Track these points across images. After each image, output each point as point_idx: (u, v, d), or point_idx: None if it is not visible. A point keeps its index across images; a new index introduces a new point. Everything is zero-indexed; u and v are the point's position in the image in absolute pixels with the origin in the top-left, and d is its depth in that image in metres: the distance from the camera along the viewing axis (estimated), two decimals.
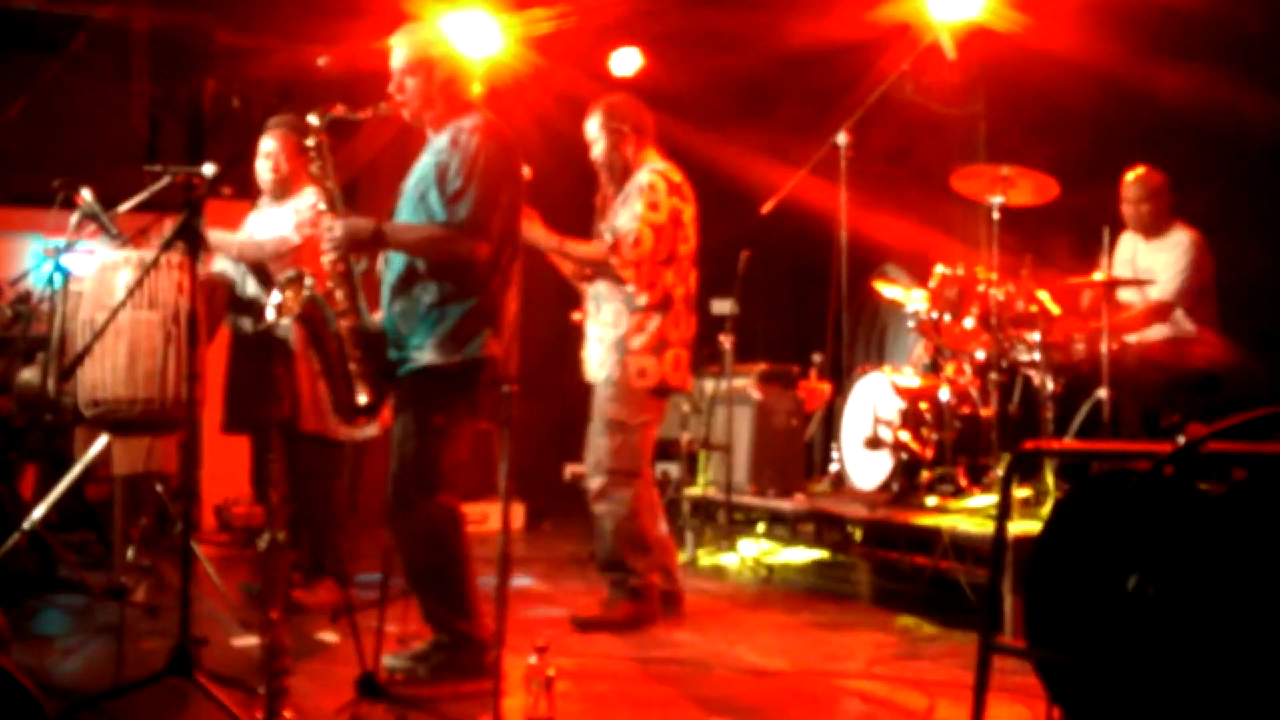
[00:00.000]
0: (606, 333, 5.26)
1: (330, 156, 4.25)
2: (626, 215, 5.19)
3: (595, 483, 5.23)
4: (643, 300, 5.19)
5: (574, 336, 5.62)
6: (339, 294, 4.17)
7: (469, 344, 4.08)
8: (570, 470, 8.11)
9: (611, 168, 5.33)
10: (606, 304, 5.27)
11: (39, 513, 5.37)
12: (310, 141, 4.22)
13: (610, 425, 5.20)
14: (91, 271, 5.45)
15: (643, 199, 5.17)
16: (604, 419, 5.22)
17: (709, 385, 7.03)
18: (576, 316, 5.57)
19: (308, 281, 4.09)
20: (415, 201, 4.17)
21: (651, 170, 5.26)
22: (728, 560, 6.70)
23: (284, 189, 5.64)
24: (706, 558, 6.77)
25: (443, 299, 4.09)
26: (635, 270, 5.16)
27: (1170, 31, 6.47)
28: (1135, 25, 6.52)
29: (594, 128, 5.36)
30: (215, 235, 5.50)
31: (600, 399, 5.26)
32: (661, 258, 5.19)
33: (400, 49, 4.23)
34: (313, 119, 4.20)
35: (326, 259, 4.18)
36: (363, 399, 4.15)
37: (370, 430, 5.50)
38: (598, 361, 5.28)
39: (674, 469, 7.15)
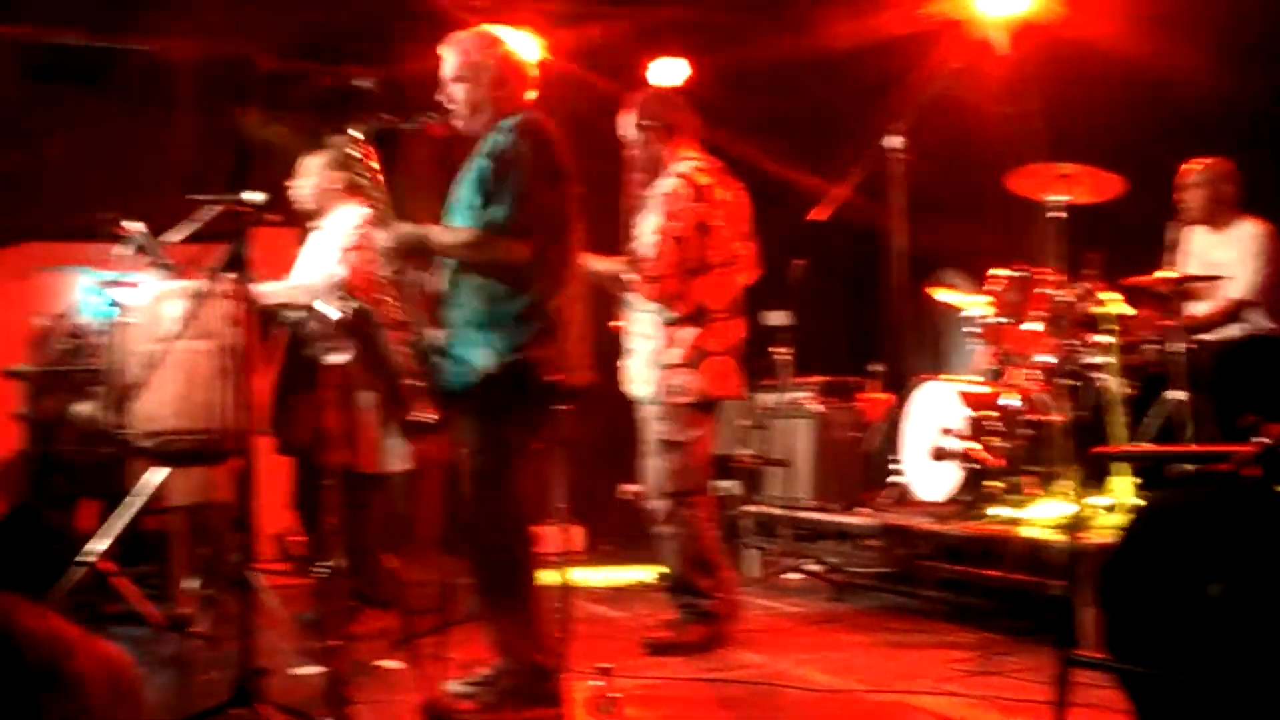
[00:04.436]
0: (643, 345, 5.12)
1: (375, 168, 4.17)
2: (646, 228, 5.03)
3: (658, 505, 5.13)
4: (672, 314, 5.03)
5: (619, 346, 5.50)
6: (393, 307, 4.07)
7: (521, 347, 3.93)
8: (626, 490, 8.01)
9: (646, 167, 5.20)
10: (640, 314, 5.13)
11: (100, 546, 5.35)
12: (354, 153, 4.15)
13: (662, 446, 5.09)
14: (142, 303, 5.44)
15: (663, 209, 5.01)
16: (655, 439, 5.11)
17: (767, 399, 6.93)
18: (614, 324, 5.36)
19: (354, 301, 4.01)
20: (461, 206, 4.09)
21: (677, 174, 5.08)
22: (793, 578, 6.59)
23: (317, 208, 5.63)
24: (771, 576, 6.65)
25: (492, 303, 3.97)
26: (660, 285, 4.98)
27: (1230, 23, 6.32)
28: (1190, 16, 6.37)
29: (629, 127, 5.23)
30: (262, 288, 5.42)
31: (647, 418, 5.15)
32: (689, 268, 5.00)
33: (449, 56, 4.17)
34: (354, 131, 4.12)
35: (381, 271, 4.10)
36: (421, 416, 4.06)
37: (400, 464, 5.43)
38: (639, 376, 5.16)
39: (734, 485, 7.03)
